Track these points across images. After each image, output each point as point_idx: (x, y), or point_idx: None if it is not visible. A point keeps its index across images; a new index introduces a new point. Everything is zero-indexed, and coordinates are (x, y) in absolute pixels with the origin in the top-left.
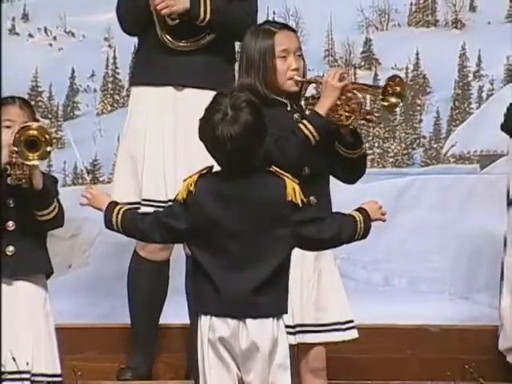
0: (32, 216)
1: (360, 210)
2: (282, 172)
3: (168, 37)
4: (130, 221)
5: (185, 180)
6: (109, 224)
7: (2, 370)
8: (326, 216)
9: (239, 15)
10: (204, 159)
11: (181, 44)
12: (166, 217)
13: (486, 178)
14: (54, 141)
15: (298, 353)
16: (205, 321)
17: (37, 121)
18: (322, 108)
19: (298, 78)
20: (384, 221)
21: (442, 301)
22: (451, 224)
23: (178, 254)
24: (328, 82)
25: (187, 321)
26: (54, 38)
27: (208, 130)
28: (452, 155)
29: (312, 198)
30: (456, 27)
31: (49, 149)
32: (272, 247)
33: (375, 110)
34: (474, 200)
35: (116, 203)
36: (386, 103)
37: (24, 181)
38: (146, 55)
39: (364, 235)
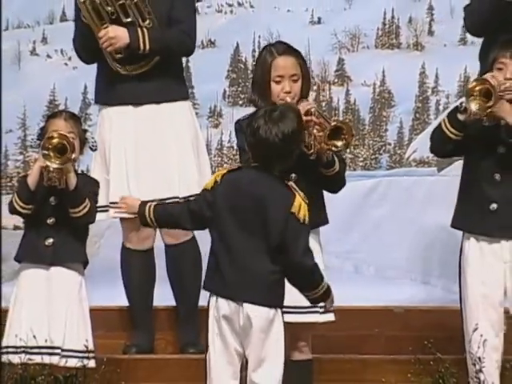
0: (69, 213)
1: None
2: (296, 189)
3: (119, 65)
4: (162, 213)
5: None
6: (144, 222)
7: (24, 344)
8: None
9: (178, 37)
10: (164, 162)
11: (132, 68)
12: (195, 205)
13: (442, 179)
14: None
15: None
16: (212, 300)
17: (84, 132)
18: None
19: (289, 100)
20: None
21: (405, 285)
22: (413, 219)
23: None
24: None
25: (168, 304)
26: (69, 58)
27: (253, 133)
28: (413, 160)
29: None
30: (417, 49)
31: (72, 156)
32: (270, 244)
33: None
34: (432, 198)
35: (145, 202)
36: (330, 143)
37: (56, 182)
38: (105, 79)
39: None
